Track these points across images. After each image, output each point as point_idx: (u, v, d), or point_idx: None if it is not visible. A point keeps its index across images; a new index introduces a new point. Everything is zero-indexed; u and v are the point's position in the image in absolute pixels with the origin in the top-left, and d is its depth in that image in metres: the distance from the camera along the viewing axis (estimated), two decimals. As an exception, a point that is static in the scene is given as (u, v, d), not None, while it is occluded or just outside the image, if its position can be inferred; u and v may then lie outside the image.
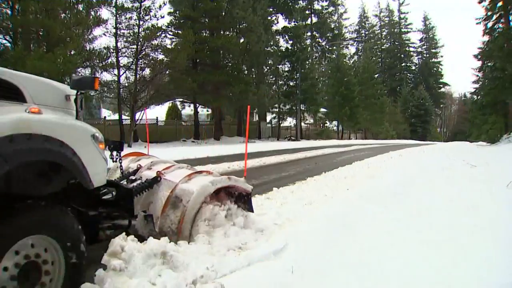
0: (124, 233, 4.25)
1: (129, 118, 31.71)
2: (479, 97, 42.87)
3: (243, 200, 6.11)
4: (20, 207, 3.22)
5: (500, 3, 36.01)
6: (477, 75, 44.85)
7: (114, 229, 4.46)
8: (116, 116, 33.44)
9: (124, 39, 30.29)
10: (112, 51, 29.32)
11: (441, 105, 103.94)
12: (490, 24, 38.31)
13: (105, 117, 35.61)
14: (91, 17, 26.38)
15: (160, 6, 31.24)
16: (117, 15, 29.53)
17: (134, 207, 4.89)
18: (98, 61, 27.92)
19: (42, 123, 3.41)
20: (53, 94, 4.23)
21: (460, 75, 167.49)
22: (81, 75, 5.64)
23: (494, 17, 37.63)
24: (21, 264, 3.15)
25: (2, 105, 3.40)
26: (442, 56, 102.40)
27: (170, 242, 4.65)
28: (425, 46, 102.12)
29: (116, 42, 29.74)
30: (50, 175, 3.80)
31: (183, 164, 6.55)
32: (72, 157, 3.60)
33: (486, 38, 39.16)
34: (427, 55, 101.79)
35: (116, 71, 29.70)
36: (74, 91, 4.33)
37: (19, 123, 3.20)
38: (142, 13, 30.33)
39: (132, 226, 4.92)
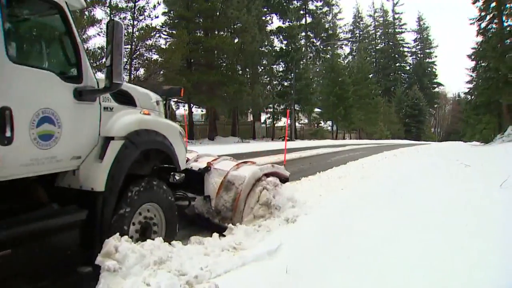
0: (117, 234, 4.24)
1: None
2: (473, 97, 42.99)
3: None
4: (143, 183, 4.87)
5: (493, 4, 36.15)
6: (471, 75, 45.00)
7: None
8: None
9: (119, 39, 30.12)
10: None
11: (435, 105, 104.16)
12: (483, 25, 38.45)
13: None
14: (85, 17, 26.23)
15: (154, 6, 31.15)
16: (111, 15, 29.44)
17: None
18: (92, 61, 27.75)
19: (152, 122, 5.19)
20: (149, 100, 5.67)
21: (454, 75, 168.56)
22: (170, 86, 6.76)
23: (488, 17, 37.77)
24: (142, 222, 4.93)
25: (126, 108, 4.94)
26: (436, 56, 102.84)
27: (164, 242, 4.64)
28: (419, 46, 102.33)
29: (111, 42, 29.52)
30: (155, 160, 5.44)
31: (227, 157, 7.89)
32: (170, 147, 5.34)
33: (479, 38, 39.32)
34: (421, 55, 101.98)
35: (110, 71, 29.46)
36: (161, 97, 6.00)
37: (141, 122, 4.93)
38: (136, 13, 30.24)
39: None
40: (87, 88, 4.26)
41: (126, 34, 30.01)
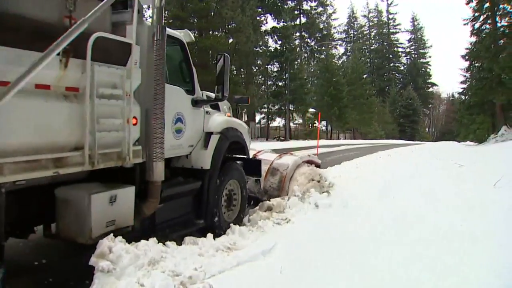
0: (112, 234, 4.23)
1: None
2: (466, 97, 43.08)
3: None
4: (230, 164, 7.00)
5: (487, 4, 36.28)
6: (465, 76, 45.06)
7: None
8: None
9: (112, 39, 30.04)
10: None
11: (430, 105, 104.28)
12: (477, 25, 38.57)
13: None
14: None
15: (148, 6, 31.08)
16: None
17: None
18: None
19: (234, 122, 7.34)
20: (227, 106, 7.96)
21: (448, 75, 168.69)
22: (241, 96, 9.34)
23: (481, 18, 37.89)
24: (227, 193, 6.98)
25: (216, 113, 7.08)
26: (430, 57, 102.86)
27: (158, 243, 4.64)
28: (413, 47, 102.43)
29: (105, 42, 29.45)
30: (234, 149, 7.34)
31: (267, 149, 10.45)
32: (244, 140, 7.49)
33: (473, 38, 39.43)
34: (416, 56, 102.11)
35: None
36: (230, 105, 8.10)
37: (228, 122, 7.05)
38: (131, 13, 30.18)
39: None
40: (200, 98, 6.51)
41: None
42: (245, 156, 7.72)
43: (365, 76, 74.92)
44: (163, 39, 4.89)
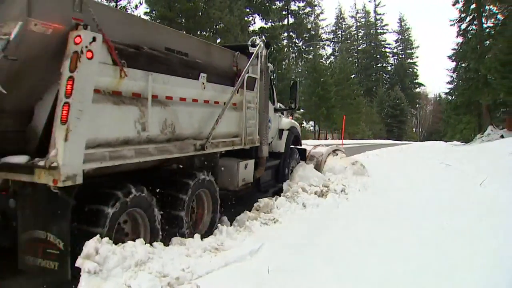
0: (98, 235, 4.20)
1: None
2: (453, 97, 43.40)
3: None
4: (292, 150, 10.87)
5: (473, 6, 36.61)
6: (451, 76, 45.40)
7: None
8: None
9: (100, 39, 29.78)
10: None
11: (417, 105, 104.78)
12: (463, 26, 38.94)
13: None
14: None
15: (136, 6, 30.89)
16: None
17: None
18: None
19: (294, 123, 11.31)
20: (284, 112, 11.08)
21: (435, 75, 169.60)
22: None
23: (468, 19, 38.25)
24: (291, 168, 10.50)
25: (283, 116, 10.72)
26: (417, 57, 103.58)
27: (145, 244, 4.62)
28: (400, 47, 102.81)
29: (92, 42, 29.17)
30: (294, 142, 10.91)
31: (307, 142, 14.56)
32: (299, 134, 11.31)
33: (460, 39, 39.79)
34: (403, 56, 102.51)
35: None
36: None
37: (291, 122, 11.12)
38: (119, 13, 30.06)
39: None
40: (277, 107, 10.18)
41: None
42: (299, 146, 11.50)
43: (352, 76, 75.03)
44: (267, 72, 8.30)
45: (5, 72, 3.70)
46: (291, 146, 10.68)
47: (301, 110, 59.03)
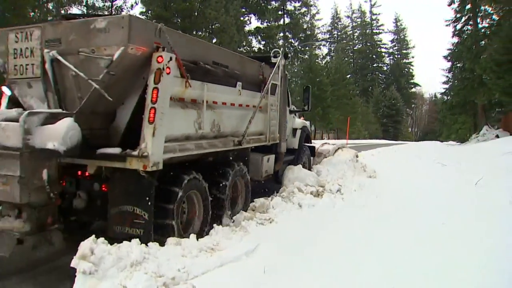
0: (94, 236, 4.22)
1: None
2: (449, 97, 43.50)
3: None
4: (304, 147, 12.15)
5: (468, 6, 36.71)
6: (447, 76, 45.56)
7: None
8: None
9: (96, 39, 29.68)
10: (83, 50, 28.59)
11: (412, 105, 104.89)
12: (459, 26, 39.06)
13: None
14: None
15: (132, 6, 31.05)
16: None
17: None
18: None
19: (305, 122, 12.79)
20: (296, 113, 12.54)
21: (430, 75, 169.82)
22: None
23: (463, 19, 38.36)
24: (303, 162, 11.55)
25: (295, 117, 12.02)
26: (413, 57, 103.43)
27: (140, 244, 4.62)
28: (396, 47, 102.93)
29: (87, 41, 29.06)
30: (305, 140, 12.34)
31: (315, 141, 15.72)
32: (309, 133, 12.99)
33: (455, 39, 39.94)
34: (399, 56, 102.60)
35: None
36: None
37: (303, 122, 12.55)
38: (114, 12, 30.05)
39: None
40: (292, 109, 11.47)
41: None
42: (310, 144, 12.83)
43: (348, 76, 74.96)
44: (285, 79, 9.73)
45: (106, 84, 4.93)
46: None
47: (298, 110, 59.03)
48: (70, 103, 5.37)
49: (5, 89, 5.98)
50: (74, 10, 28.16)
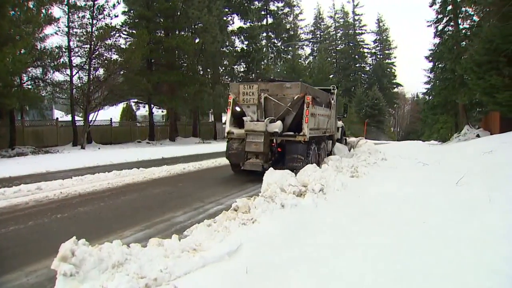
0: (74, 237, 4.17)
1: (82, 119, 30.88)
2: (430, 97, 43.71)
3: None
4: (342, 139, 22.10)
5: (450, 7, 36.99)
6: (429, 76, 45.81)
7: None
8: (69, 117, 32.18)
9: (77, 38, 29.40)
10: (64, 50, 28.34)
11: (395, 105, 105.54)
12: (440, 27, 39.29)
13: (57, 118, 33.89)
14: (42, 15, 25.37)
15: (114, 5, 30.68)
16: (70, 14, 28.83)
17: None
18: (49, 60, 26.73)
19: (341, 124, 21.97)
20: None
21: (412, 76, 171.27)
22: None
23: (444, 20, 38.60)
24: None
25: (337, 119, 20.58)
26: (395, 57, 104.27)
27: (122, 245, 4.59)
28: (379, 47, 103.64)
29: (69, 41, 28.85)
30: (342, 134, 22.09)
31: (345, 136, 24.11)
32: (344, 129, 22.96)
33: (437, 40, 40.17)
34: (381, 56, 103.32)
35: (68, 71, 28.71)
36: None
37: (341, 124, 21.70)
38: (96, 12, 29.75)
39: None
40: (338, 115, 20.69)
41: (85, 33, 29.53)
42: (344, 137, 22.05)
43: (331, 76, 75.30)
44: (337, 98, 18.94)
45: (285, 113, 13.55)
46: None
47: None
48: (269, 116, 13.41)
49: (237, 108, 13.97)
50: (55, 9, 27.85)
